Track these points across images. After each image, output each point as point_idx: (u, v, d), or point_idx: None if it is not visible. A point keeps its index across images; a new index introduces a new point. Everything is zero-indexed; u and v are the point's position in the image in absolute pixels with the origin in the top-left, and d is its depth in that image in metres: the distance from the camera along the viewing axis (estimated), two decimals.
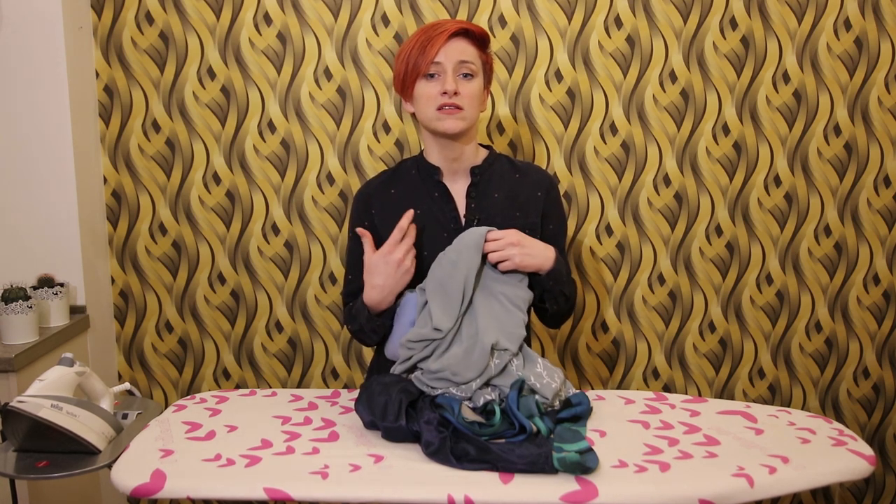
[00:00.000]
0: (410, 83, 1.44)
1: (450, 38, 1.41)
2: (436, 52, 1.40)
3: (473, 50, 1.44)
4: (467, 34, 1.43)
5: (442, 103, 1.41)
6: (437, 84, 1.42)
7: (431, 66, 1.41)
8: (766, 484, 1.09)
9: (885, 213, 2.03)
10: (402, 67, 1.44)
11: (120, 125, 1.98)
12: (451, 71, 1.41)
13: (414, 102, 1.46)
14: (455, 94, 1.41)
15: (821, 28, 1.94)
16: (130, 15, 1.93)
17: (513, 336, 1.34)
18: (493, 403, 1.27)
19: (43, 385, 1.19)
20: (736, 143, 1.99)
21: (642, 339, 2.08)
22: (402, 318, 1.40)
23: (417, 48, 1.41)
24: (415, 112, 1.48)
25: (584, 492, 1.05)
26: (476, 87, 1.44)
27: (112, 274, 2.05)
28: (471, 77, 1.43)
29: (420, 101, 1.44)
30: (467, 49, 1.42)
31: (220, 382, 2.09)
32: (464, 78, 1.43)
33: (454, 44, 1.41)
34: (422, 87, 1.43)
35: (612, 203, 2.02)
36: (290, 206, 2.01)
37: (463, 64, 1.42)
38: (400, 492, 1.07)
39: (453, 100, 1.41)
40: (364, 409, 1.28)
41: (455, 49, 1.41)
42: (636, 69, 1.96)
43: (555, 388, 1.31)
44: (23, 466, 1.17)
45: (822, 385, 2.11)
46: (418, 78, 1.43)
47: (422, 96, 1.43)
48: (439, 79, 1.42)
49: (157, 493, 1.08)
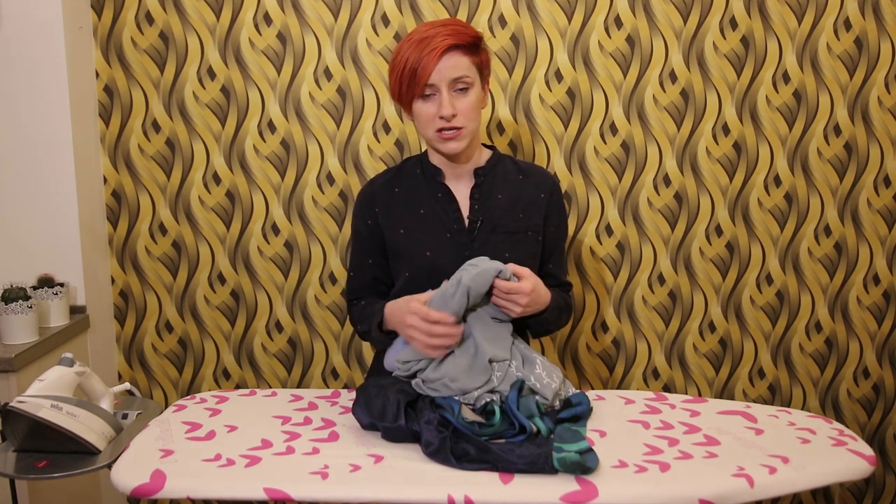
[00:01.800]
0: (407, 103, 1.44)
1: (440, 55, 1.38)
2: (428, 74, 1.38)
3: (466, 60, 1.41)
4: (460, 45, 1.39)
5: (441, 127, 1.41)
6: (434, 105, 1.41)
7: (426, 88, 1.40)
8: (766, 484, 1.09)
9: (885, 213, 2.03)
10: (397, 84, 1.42)
11: (120, 125, 1.98)
12: (446, 89, 1.39)
13: (415, 119, 1.46)
14: (453, 117, 1.40)
15: (821, 28, 1.94)
16: (130, 15, 1.93)
17: (505, 343, 1.36)
18: (492, 404, 1.27)
19: (43, 385, 1.19)
20: (736, 143, 1.99)
21: (642, 339, 2.08)
22: (400, 337, 1.41)
23: (409, 72, 1.39)
24: (415, 126, 1.48)
25: (584, 492, 1.05)
26: (473, 98, 1.42)
27: (112, 274, 2.05)
28: (466, 90, 1.41)
29: (419, 121, 1.44)
30: (460, 62, 1.40)
31: (220, 382, 2.09)
32: (459, 92, 1.41)
33: (446, 61, 1.38)
34: (419, 107, 1.42)
35: (612, 203, 2.02)
36: (290, 206, 2.01)
37: (457, 80, 1.40)
38: (400, 492, 1.07)
39: (451, 122, 1.40)
40: (362, 411, 1.28)
41: (447, 67, 1.38)
42: (636, 69, 1.96)
43: (554, 388, 1.32)
44: (23, 466, 1.17)
45: (822, 385, 2.11)
46: (413, 99, 1.42)
47: (420, 116, 1.43)
48: (435, 98, 1.40)
49: (157, 493, 1.08)
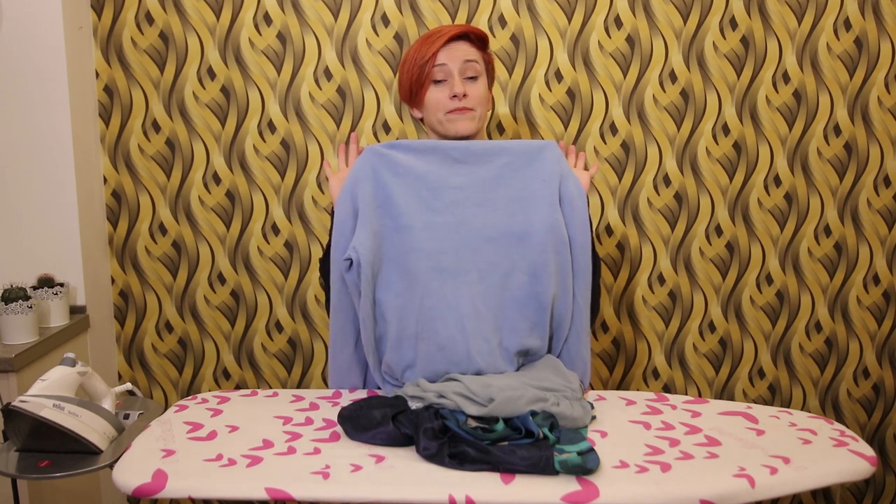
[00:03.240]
0: (418, 91, 1.47)
1: (450, 41, 1.45)
2: (439, 54, 1.44)
3: (475, 50, 1.47)
4: (467, 37, 1.47)
5: (453, 107, 1.44)
6: (446, 88, 1.45)
7: (437, 70, 1.44)
8: (767, 484, 1.08)
9: (885, 213, 2.03)
10: (408, 77, 1.47)
11: (120, 125, 1.98)
12: (457, 73, 1.44)
13: (424, 109, 1.49)
14: (464, 97, 1.44)
15: (821, 28, 1.94)
16: (130, 15, 1.93)
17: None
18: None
19: (45, 385, 1.19)
20: (736, 143, 1.99)
21: (642, 339, 2.08)
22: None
23: (420, 55, 1.45)
24: (424, 118, 1.51)
25: (586, 492, 1.05)
26: (482, 87, 1.47)
27: (112, 274, 2.05)
28: (476, 79, 1.46)
29: (430, 107, 1.47)
30: (469, 50, 1.46)
31: (220, 382, 2.09)
32: (469, 80, 1.46)
33: (456, 46, 1.45)
34: (431, 93, 1.46)
35: (611, 203, 2.02)
36: (290, 206, 2.01)
37: (468, 63, 1.45)
38: (401, 492, 1.07)
39: (463, 102, 1.44)
40: (353, 431, 1.24)
41: (458, 50, 1.45)
42: (636, 69, 1.96)
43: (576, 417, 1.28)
44: (24, 466, 1.17)
45: (822, 385, 2.11)
46: (426, 84, 1.46)
47: (431, 102, 1.47)
48: (447, 83, 1.45)
49: (159, 493, 1.08)
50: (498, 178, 1.41)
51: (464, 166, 1.41)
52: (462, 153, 1.42)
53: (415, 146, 1.43)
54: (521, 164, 1.42)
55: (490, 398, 1.24)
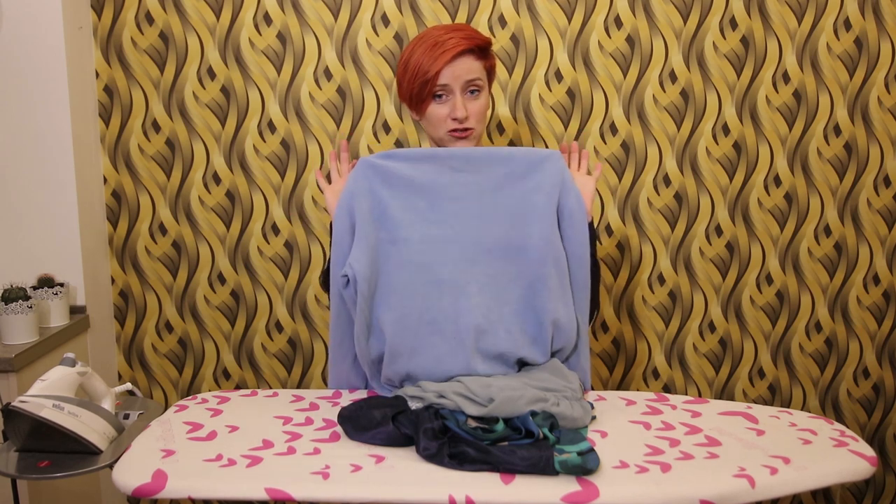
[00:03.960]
0: (419, 103, 1.44)
1: (454, 58, 1.39)
2: (442, 74, 1.39)
3: (478, 64, 1.43)
4: (472, 49, 1.41)
5: (453, 128, 1.42)
6: (447, 106, 1.42)
7: (439, 88, 1.41)
8: (767, 485, 1.09)
9: (885, 213, 2.03)
10: (409, 88, 1.43)
11: (120, 125, 1.98)
12: (459, 91, 1.41)
13: (424, 119, 1.47)
14: (465, 119, 1.41)
15: (821, 28, 1.94)
16: (130, 15, 1.93)
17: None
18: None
19: (45, 385, 1.19)
20: (736, 143, 1.99)
21: (642, 339, 2.08)
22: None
23: (422, 71, 1.40)
24: (423, 125, 1.49)
25: (586, 492, 1.05)
26: (483, 101, 1.44)
27: (112, 274, 2.05)
28: (478, 92, 1.43)
29: (430, 121, 1.45)
30: (473, 66, 1.42)
31: (220, 382, 2.09)
32: (471, 95, 1.43)
33: (459, 63, 1.40)
34: (433, 108, 1.43)
35: (611, 203, 2.02)
36: (290, 206, 2.01)
37: (470, 83, 1.42)
38: (401, 492, 1.07)
39: (464, 124, 1.42)
40: (353, 431, 1.25)
41: (461, 68, 1.40)
42: (636, 69, 1.96)
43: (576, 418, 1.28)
44: (24, 466, 1.17)
45: (822, 385, 2.11)
46: (427, 100, 1.42)
47: (433, 117, 1.44)
48: (448, 99, 1.42)
49: (159, 493, 1.08)
50: (497, 189, 1.39)
51: (462, 175, 1.39)
52: (461, 162, 1.39)
53: (412, 155, 1.40)
54: (521, 174, 1.39)
55: (490, 398, 1.24)
